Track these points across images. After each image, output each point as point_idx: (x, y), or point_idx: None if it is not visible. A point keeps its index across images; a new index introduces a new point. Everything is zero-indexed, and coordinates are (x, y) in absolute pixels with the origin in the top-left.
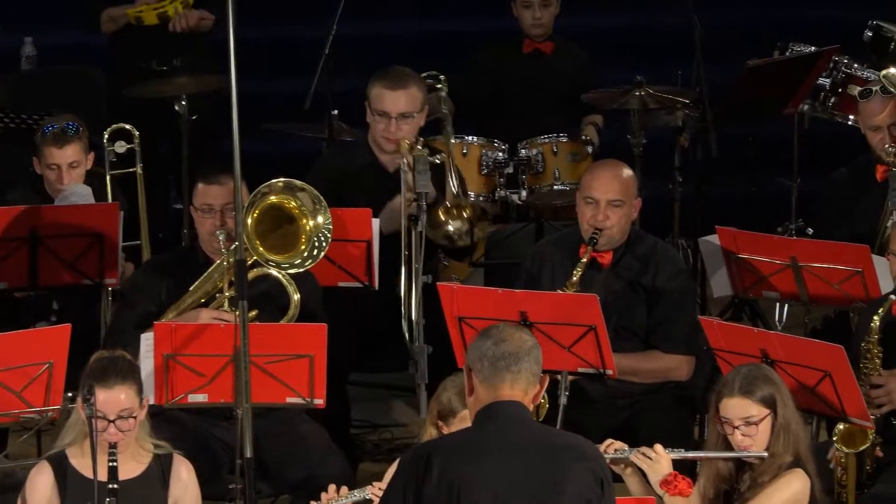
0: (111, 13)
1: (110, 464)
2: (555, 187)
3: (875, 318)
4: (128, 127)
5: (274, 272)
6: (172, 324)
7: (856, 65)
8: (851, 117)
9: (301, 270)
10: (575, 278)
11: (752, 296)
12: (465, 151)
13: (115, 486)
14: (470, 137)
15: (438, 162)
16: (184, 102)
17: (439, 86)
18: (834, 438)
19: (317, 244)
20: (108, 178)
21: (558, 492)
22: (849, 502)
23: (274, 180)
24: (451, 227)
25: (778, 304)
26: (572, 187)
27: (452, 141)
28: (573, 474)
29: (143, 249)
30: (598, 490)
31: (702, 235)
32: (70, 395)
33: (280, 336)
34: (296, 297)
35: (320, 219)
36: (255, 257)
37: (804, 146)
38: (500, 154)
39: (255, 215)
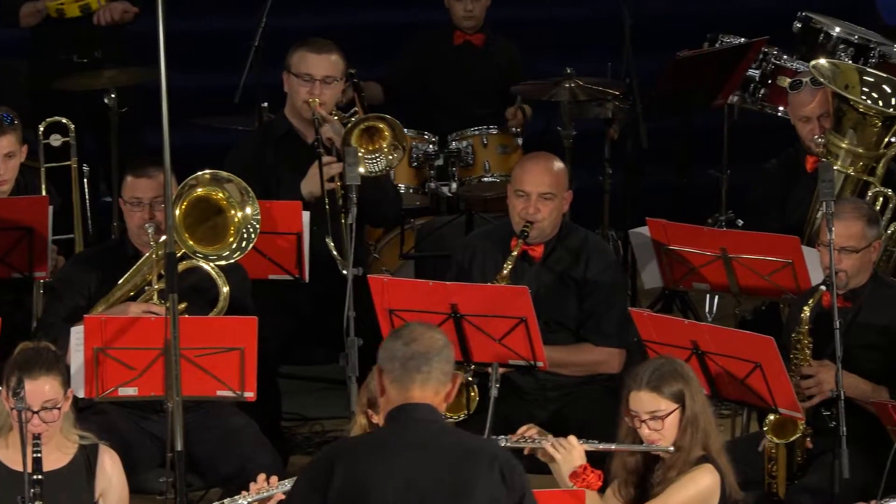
0: (34, 6)
1: (34, 454)
2: (484, 179)
3: (805, 308)
4: (63, 120)
5: (203, 264)
6: (102, 317)
7: (785, 56)
8: (781, 108)
9: (230, 262)
10: (506, 271)
11: (682, 287)
12: None
13: (40, 476)
14: None
15: (354, 120)
16: (113, 95)
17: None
18: (764, 429)
19: (245, 235)
20: (42, 171)
21: (466, 495)
22: (779, 493)
23: (201, 172)
24: (361, 169)
25: (708, 296)
26: (502, 179)
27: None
28: (481, 477)
29: (76, 243)
30: (507, 489)
31: (632, 227)
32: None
33: (210, 329)
34: (225, 289)
35: (248, 210)
36: (183, 250)
37: (734, 137)
38: (431, 146)
39: (183, 207)
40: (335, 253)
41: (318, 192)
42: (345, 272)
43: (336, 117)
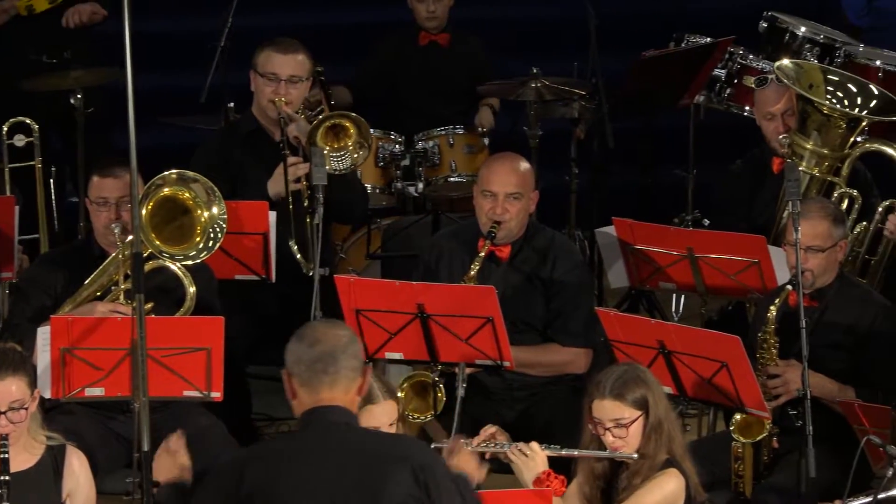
0: (1, 6)
1: (1, 455)
2: (451, 179)
3: (772, 308)
4: (27, 121)
5: (169, 264)
6: (69, 317)
7: (751, 56)
8: (747, 108)
9: (196, 262)
10: (473, 272)
11: (648, 287)
12: None
13: (7, 477)
14: None
15: (320, 118)
16: (79, 96)
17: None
18: (731, 429)
19: (212, 235)
20: (6, 171)
21: (375, 499)
22: (746, 492)
23: (167, 172)
24: (329, 166)
25: (675, 295)
26: (469, 179)
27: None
28: (391, 479)
29: (41, 243)
30: (420, 490)
31: (598, 227)
32: None
33: (177, 329)
34: (191, 289)
35: (215, 210)
36: (150, 250)
37: (700, 137)
38: (397, 146)
39: (150, 207)
40: (299, 256)
41: (284, 194)
42: (309, 274)
43: (302, 116)
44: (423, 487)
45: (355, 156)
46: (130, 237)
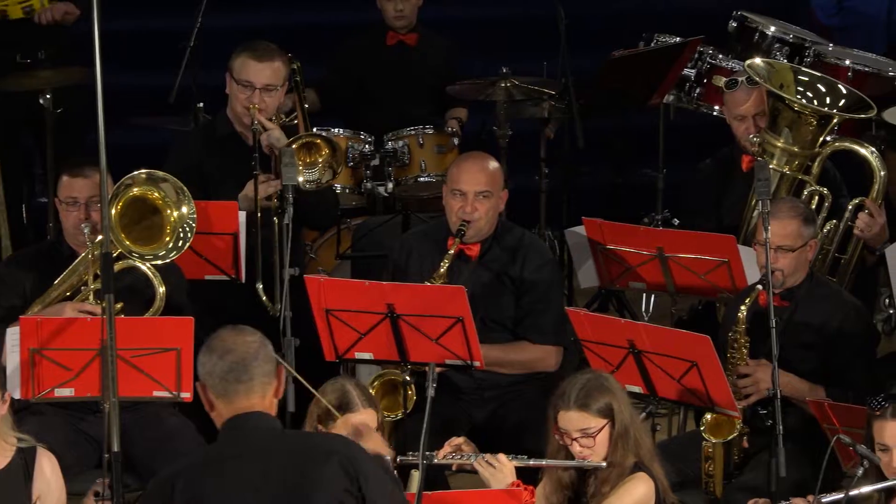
0: None
1: None
2: (421, 179)
3: (742, 308)
4: None
5: (139, 264)
6: (38, 318)
7: (720, 55)
8: (717, 108)
9: (166, 262)
10: (442, 270)
11: (618, 287)
12: None
13: None
14: (336, 130)
15: (295, 122)
16: (49, 96)
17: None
18: (701, 428)
19: (181, 235)
20: None
21: (311, 495)
22: (716, 492)
23: (136, 172)
24: (300, 178)
25: (644, 295)
26: (438, 179)
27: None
28: (322, 477)
29: (1, 240)
30: (352, 484)
31: (568, 226)
32: None
33: (146, 329)
34: (161, 289)
35: (184, 209)
36: (119, 250)
37: (670, 137)
38: (367, 146)
39: (119, 207)
40: (264, 298)
41: (254, 209)
42: (276, 315)
43: (276, 123)
44: (353, 479)
45: (323, 172)
46: (100, 237)
